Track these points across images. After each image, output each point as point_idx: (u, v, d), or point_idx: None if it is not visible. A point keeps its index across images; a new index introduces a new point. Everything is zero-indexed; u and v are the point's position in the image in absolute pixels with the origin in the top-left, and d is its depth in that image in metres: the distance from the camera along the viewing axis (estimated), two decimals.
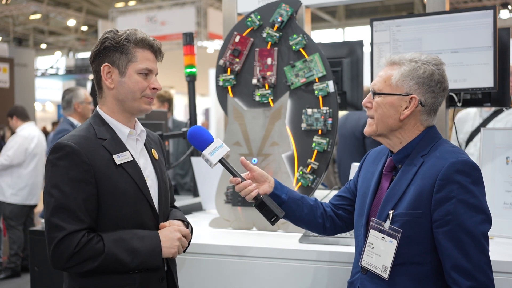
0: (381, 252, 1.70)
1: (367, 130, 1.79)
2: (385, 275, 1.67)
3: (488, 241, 1.61)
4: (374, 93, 1.75)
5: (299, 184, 2.64)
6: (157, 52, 1.85)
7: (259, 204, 1.83)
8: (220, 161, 1.83)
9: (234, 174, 1.86)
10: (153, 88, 1.82)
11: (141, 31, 1.83)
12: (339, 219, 2.00)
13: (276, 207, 1.84)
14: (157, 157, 1.93)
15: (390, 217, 1.68)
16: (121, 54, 1.77)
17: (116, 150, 1.76)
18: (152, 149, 1.93)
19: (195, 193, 3.54)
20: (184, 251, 1.87)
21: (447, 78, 1.75)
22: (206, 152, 1.83)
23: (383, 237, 1.69)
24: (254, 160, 2.66)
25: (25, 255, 5.78)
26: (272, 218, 1.83)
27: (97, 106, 1.86)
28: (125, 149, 1.79)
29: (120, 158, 1.75)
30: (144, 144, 1.90)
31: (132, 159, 1.79)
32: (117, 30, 1.81)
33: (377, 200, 1.78)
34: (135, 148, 1.85)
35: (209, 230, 2.70)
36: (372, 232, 1.73)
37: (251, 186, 1.84)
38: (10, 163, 5.63)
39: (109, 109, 1.82)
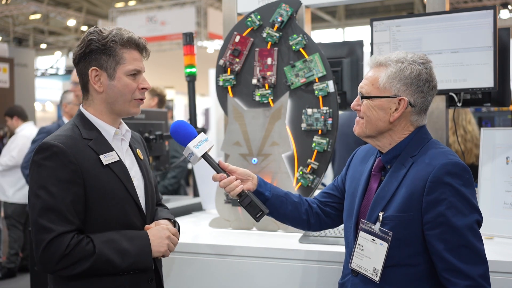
0: (371, 255, 1.68)
1: (356, 129, 1.77)
2: (376, 278, 1.65)
3: (481, 240, 1.60)
4: (362, 97, 1.73)
5: (299, 184, 2.64)
6: (143, 51, 1.81)
7: (244, 199, 1.81)
8: (204, 155, 1.80)
9: (218, 170, 1.82)
10: (142, 88, 1.79)
11: (125, 29, 1.77)
12: (325, 216, 1.99)
13: (260, 204, 1.82)
14: (142, 157, 1.91)
15: (380, 219, 1.65)
16: (108, 57, 1.72)
17: (102, 150, 1.73)
18: (137, 149, 1.91)
19: (195, 193, 3.54)
20: None
21: (435, 76, 1.73)
22: (191, 145, 1.78)
23: (373, 239, 1.67)
24: (254, 160, 2.66)
25: (25, 255, 5.78)
26: (257, 214, 1.81)
27: (81, 106, 1.81)
28: (111, 149, 1.76)
29: (107, 158, 1.72)
30: (129, 144, 1.88)
31: (118, 159, 1.76)
32: (100, 30, 1.75)
33: (366, 201, 1.76)
34: (121, 148, 1.82)
35: (209, 230, 2.70)
36: (361, 234, 1.71)
37: (236, 182, 1.81)
38: (15, 164, 5.66)
39: (96, 111, 1.78)
